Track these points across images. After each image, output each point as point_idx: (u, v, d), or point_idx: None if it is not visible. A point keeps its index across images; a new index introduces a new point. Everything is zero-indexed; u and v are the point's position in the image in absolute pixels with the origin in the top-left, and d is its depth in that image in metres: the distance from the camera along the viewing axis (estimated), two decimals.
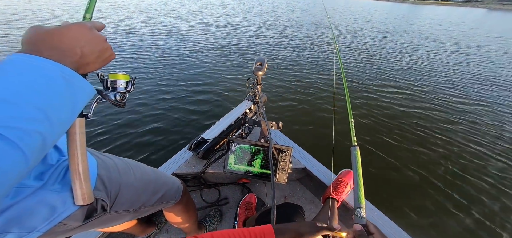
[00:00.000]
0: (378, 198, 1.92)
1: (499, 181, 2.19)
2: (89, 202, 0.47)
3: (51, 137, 0.33)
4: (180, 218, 0.95)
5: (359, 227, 0.51)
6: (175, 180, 0.88)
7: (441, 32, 11.13)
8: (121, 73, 0.51)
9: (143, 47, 5.10)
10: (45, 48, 0.34)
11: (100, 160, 0.59)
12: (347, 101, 0.80)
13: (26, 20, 6.36)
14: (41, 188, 0.44)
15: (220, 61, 4.71)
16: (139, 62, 4.28)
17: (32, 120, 0.29)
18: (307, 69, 4.64)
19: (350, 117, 0.74)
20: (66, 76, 0.34)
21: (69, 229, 0.52)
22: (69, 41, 0.36)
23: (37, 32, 0.35)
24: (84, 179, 0.46)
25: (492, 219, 1.83)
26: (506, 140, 2.80)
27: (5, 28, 5.52)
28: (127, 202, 0.64)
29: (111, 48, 0.45)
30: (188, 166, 1.25)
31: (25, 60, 0.31)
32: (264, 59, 1.12)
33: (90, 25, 0.41)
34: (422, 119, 3.11)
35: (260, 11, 12.80)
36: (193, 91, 3.38)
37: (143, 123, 2.61)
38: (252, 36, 7.00)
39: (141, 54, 4.62)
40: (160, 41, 5.67)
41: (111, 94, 0.50)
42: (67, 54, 0.36)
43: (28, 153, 0.28)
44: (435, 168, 2.29)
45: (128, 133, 2.44)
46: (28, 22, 6.23)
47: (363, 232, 0.50)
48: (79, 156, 0.45)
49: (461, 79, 4.72)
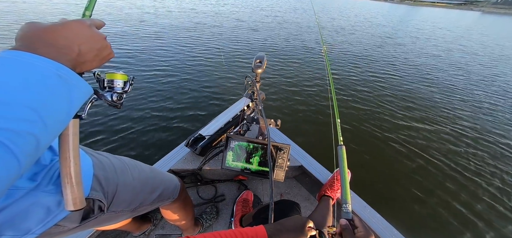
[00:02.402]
0: (376, 197, 1.96)
1: (501, 181, 2.27)
2: (80, 207, 0.45)
3: (45, 138, 0.31)
4: (177, 216, 0.95)
5: (344, 222, 0.55)
6: (173, 178, 0.87)
7: (442, 35, 11.40)
8: (119, 73, 0.49)
9: (137, 43, 5.02)
10: (41, 45, 0.32)
11: (96, 160, 0.58)
12: (334, 102, 0.83)
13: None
14: (35, 189, 0.42)
15: (217, 58, 4.67)
16: (133, 58, 4.21)
17: (24, 120, 0.27)
18: (304, 67, 4.65)
19: (337, 118, 0.78)
20: (62, 74, 0.32)
21: (65, 231, 0.51)
22: (66, 38, 0.35)
23: (33, 29, 0.33)
24: (76, 183, 0.44)
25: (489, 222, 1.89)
26: (490, 134, 2.89)
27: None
28: (124, 201, 0.63)
29: (110, 47, 0.43)
30: (185, 162, 1.25)
31: (18, 57, 0.29)
32: (264, 56, 1.12)
33: (89, 23, 0.39)
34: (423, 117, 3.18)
35: (260, 11, 12.71)
36: (189, 88, 3.35)
37: (139, 119, 2.58)
38: (249, 34, 6.97)
39: (136, 51, 4.54)
40: (155, 38, 5.58)
41: (107, 94, 0.48)
42: (64, 51, 0.34)
43: (20, 156, 0.27)
44: (436, 168, 2.35)
45: (122, 129, 2.41)
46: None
47: (348, 226, 0.53)
48: (71, 158, 0.42)
49: (463, 83, 4.83)
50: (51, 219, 0.45)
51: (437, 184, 2.17)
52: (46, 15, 6.49)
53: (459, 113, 3.47)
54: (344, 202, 0.61)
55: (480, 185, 2.19)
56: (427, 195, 2.04)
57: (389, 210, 1.85)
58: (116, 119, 2.51)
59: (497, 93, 4.42)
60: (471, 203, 2.00)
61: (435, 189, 2.11)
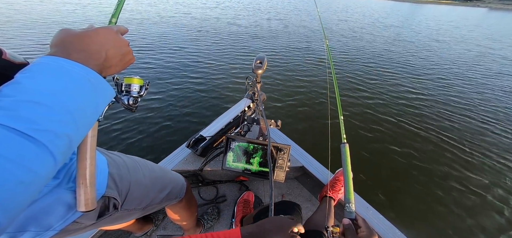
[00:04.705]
0: (378, 198, 1.94)
1: (499, 179, 2.22)
2: (91, 208, 0.46)
3: (76, 140, 0.33)
4: (181, 215, 0.95)
5: (347, 221, 0.54)
6: (180, 177, 0.88)
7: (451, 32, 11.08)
8: (136, 77, 0.51)
9: (140, 45, 5.06)
10: (73, 50, 0.34)
11: (110, 159, 0.59)
12: (337, 98, 0.81)
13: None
14: (57, 186, 0.44)
15: (218, 59, 4.69)
16: (137, 60, 4.25)
17: (63, 122, 0.30)
18: (305, 66, 4.63)
19: (340, 115, 0.77)
20: (91, 79, 0.35)
21: (81, 228, 0.52)
22: (96, 44, 0.37)
23: (67, 35, 0.35)
24: (90, 184, 0.45)
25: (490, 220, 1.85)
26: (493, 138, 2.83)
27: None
28: (136, 199, 0.64)
29: (132, 52, 0.45)
30: (186, 163, 1.25)
31: (58, 64, 0.32)
32: (264, 57, 1.11)
33: (116, 29, 0.42)
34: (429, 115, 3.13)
35: (262, 12, 12.69)
36: (191, 89, 3.36)
37: (140, 121, 2.60)
38: (251, 35, 6.97)
39: (138, 53, 4.59)
40: (157, 39, 5.63)
41: (124, 98, 0.50)
42: (93, 57, 0.36)
43: (57, 156, 0.29)
44: (436, 169, 2.31)
45: (124, 131, 2.44)
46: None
47: (351, 226, 0.53)
48: (88, 159, 0.44)
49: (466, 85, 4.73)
50: (71, 216, 0.46)
51: (442, 185, 2.13)
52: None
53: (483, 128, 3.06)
54: (347, 201, 0.60)
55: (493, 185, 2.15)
56: (432, 197, 2.01)
57: (392, 211, 1.83)
58: (117, 122, 2.54)
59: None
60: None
61: (442, 191, 2.07)
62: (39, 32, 5.23)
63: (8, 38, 4.64)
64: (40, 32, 5.20)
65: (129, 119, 2.58)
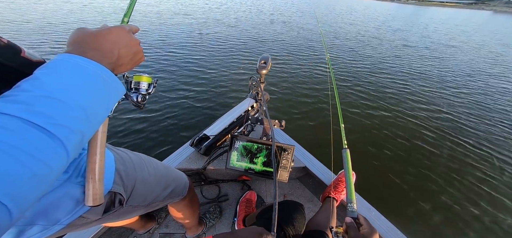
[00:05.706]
0: (379, 199, 1.93)
1: (499, 184, 2.19)
2: (99, 203, 0.47)
3: (88, 135, 0.34)
4: (184, 213, 0.96)
5: (349, 220, 0.56)
6: (183, 176, 0.89)
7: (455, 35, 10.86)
8: (145, 75, 0.52)
9: (144, 44, 5.10)
10: (88, 49, 0.36)
11: (117, 155, 0.60)
12: (338, 107, 0.83)
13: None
14: (67, 180, 0.44)
15: (222, 58, 4.70)
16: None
17: (77, 118, 0.31)
18: (308, 69, 4.63)
19: (341, 123, 0.80)
20: (104, 76, 0.36)
21: (88, 222, 0.52)
22: (109, 43, 0.38)
23: (82, 34, 0.37)
24: (99, 180, 0.46)
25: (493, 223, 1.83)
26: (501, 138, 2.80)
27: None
28: (141, 196, 0.64)
29: (142, 51, 0.46)
30: (189, 161, 1.26)
31: (74, 61, 0.33)
32: (268, 57, 1.11)
33: (128, 29, 0.43)
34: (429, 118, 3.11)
35: (266, 13, 12.69)
36: (195, 89, 3.38)
37: (145, 119, 2.62)
38: (255, 36, 6.97)
39: (145, 53, 4.61)
40: (162, 39, 5.66)
41: (133, 95, 0.51)
42: (106, 55, 0.37)
43: (70, 151, 0.30)
44: (436, 169, 2.29)
45: (128, 129, 2.45)
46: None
47: (353, 224, 0.55)
48: (98, 154, 0.45)
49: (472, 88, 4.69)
50: (78, 210, 0.47)
51: (445, 187, 2.12)
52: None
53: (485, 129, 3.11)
54: (349, 201, 0.62)
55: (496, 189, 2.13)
56: (434, 199, 2.00)
57: (394, 213, 1.82)
58: (121, 120, 2.56)
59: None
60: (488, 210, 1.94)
61: (443, 194, 2.06)
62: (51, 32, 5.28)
63: (24, 37, 4.70)
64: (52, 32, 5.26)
65: (134, 116, 2.60)
